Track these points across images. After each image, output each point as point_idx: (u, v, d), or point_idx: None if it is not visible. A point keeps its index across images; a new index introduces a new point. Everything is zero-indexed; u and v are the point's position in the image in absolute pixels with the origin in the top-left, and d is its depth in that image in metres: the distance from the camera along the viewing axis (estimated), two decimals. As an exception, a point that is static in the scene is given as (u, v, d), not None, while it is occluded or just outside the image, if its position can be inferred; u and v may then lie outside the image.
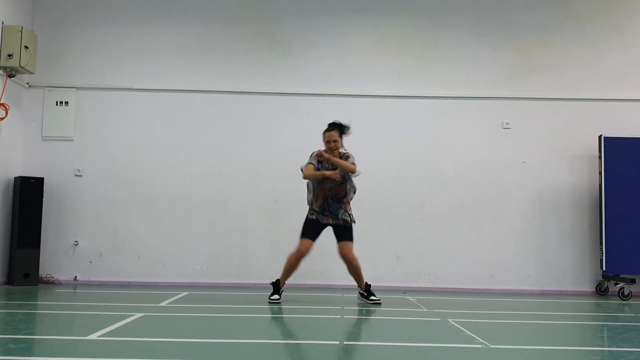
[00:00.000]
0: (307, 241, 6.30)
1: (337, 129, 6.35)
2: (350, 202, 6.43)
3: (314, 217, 6.38)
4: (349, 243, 6.32)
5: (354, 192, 6.47)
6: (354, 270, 6.38)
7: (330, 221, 6.36)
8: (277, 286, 6.35)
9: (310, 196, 6.46)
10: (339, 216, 6.32)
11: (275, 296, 6.28)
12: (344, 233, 6.35)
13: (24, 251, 7.64)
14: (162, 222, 8.13)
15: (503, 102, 8.31)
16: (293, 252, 6.34)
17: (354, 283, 6.48)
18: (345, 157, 6.37)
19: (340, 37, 8.38)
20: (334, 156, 6.27)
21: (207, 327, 4.86)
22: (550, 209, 8.18)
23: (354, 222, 6.39)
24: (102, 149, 8.21)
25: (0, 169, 7.67)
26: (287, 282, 6.40)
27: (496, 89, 8.32)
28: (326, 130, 6.39)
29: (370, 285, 6.47)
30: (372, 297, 6.36)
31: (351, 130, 6.38)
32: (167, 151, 8.22)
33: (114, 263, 8.06)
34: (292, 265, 6.32)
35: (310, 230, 6.34)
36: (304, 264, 6.33)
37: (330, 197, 6.33)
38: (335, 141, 6.30)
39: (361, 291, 6.46)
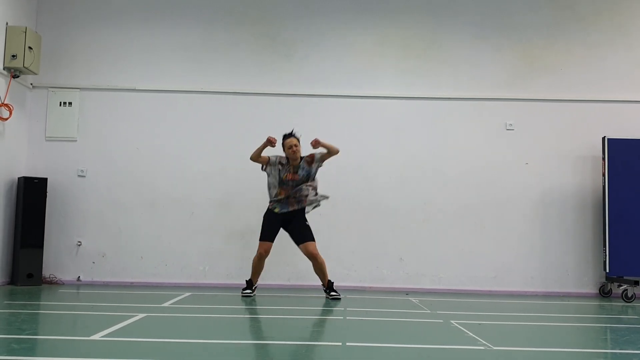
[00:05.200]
0: None
1: (294, 136, 6.85)
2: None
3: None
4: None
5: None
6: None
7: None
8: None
9: None
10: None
11: None
12: None
13: (28, 251, 7.65)
14: (164, 223, 8.14)
15: (506, 104, 8.30)
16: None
17: (356, 284, 6.45)
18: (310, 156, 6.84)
19: (344, 38, 8.38)
20: (296, 159, 6.82)
21: (210, 327, 4.86)
22: (554, 211, 8.16)
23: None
24: (106, 149, 8.23)
25: (4, 169, 7.69)
26: (295, 283, 6.20)
27: (499, 90, 8.31)
28: (285, 138, 6.85)
29: None
30: None
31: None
32: (170, 152, 8.23)
33: (117, 263, 8.07)
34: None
35: None
36: (308, 265, 6.32)
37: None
38: (296, 145, 6.82)
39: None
